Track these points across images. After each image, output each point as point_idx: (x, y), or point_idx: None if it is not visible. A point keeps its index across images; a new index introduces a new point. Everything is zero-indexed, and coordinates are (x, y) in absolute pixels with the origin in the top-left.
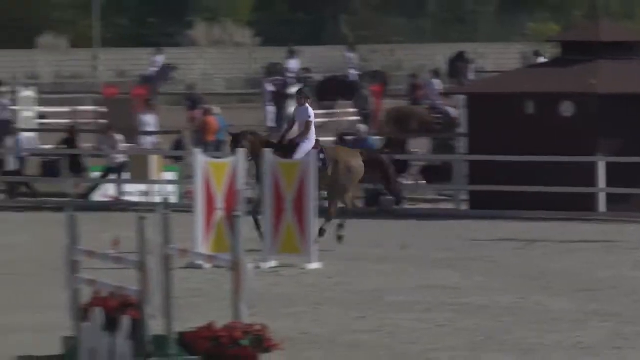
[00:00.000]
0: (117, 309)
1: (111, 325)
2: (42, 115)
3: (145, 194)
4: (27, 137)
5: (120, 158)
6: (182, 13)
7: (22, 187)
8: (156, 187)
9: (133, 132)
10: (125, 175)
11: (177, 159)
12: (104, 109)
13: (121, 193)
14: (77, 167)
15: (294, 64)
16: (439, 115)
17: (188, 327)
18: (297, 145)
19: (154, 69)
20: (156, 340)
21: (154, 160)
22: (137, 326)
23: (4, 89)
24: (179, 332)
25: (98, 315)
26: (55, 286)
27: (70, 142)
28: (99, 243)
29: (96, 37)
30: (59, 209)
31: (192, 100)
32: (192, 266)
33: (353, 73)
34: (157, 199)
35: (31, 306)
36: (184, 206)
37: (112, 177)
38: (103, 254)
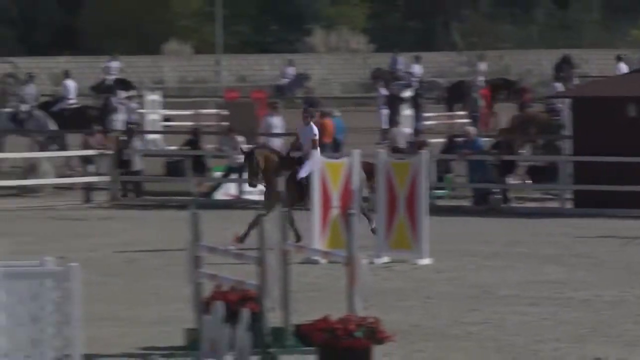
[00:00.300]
0: (237, 302)
1: (231, 317)
2: (167, 118)
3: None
4: (153, 139)
5: (241, 158)
6: (301, 21)
7: (132, 186)
8: None
9: (253, 134)
10: (246, 175)
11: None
12: (225, 112)
13: (242, 192)
14: (200, 167)
15: (417, 69)
16: (557, 118)
17: (305, 319)
18: (303, 161)
19: (286, 79)
20: (274, 332)
21: None
22: (256, 318)
23: (132, 92)
24: (296, 324)
25: (219, 308)
26: (178, 280)
27: (193, 143)
28: (220, 239)
29: (219, 44)
30: (182, 206)
31: (310, 104)
32: (309, 261)
33: (480, 80)
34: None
35: (156, 299)
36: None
37: (233, 176)
38: (224, 249)
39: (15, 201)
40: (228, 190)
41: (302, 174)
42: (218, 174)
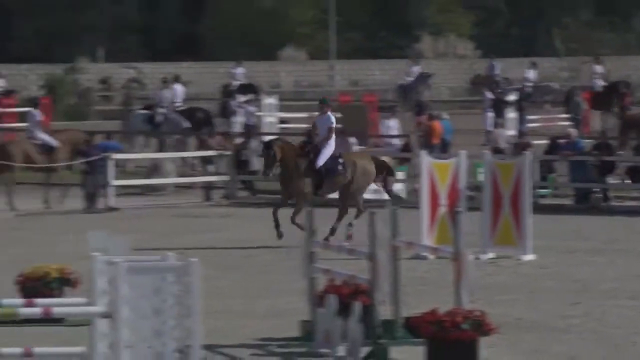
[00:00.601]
0: (349, 295)
1: (344, 310)
2: (283, 120)
3: (376, 191)
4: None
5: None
6: (410, 28)
7: (251, 185)
8: None
9: (364, 135)
10: None
11: (405, 160)
12: (338, 115)
13: None
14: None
15: (532, 74)
16: None
17: (414, 312)
18: (320, 150)
19: (410, 78)
20: (385, 324)
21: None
22: (368, 311)
23: (250, 96)
24: (406, 317)
25: (332, 301)
26: (292, 275)
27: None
28: (333, 236)
29: (332, 50)
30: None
31: (419, 107)
32: (418, 257)
33: (598, 84)
34: (387, 197)
35: (270, 293)
36: (411, 202)
37: None
38: (337, 245)
39: (140, 199)
40: None
41: (320, 162)
42: None
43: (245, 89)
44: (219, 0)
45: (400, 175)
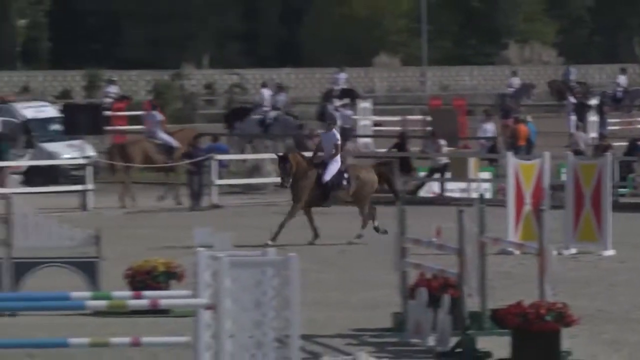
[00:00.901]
0: (439, 288)
1: (434, 302)
2: (377, 123)
3: (464, 190)
4: (364, 142)
5: (443, 160)
6: (497, 36)
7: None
8: (473, 184)
9: (454, 137)
10: (447, 175)
11: (492, 161)
12: (429, 118)
13: (444, 190)
14: (406, 167)
15: (622, 80)
16: None
17: (499, 304)
18: (327, 165)
19: (511, 89)
20: (472, 315)
21: (472, 162)
22: (456, 303)
23: (346, 100)
24: (492, 309)
25: (423, 293)
26: (384, 269)
27: (400, 146)
28: (424, 232)
29: (424, 57)
30: (390, 203)
31: (505, 110)
32: (504, 252)
33: None
34: (474, 195)
35: (364, 286)
36: (497, 201)
37: (436, 176)
38: (428, 241)
39: (242, 198)
40: (431, 189)
41: (327, 177)
42: (422, 173)
43: (347, 93)
44: (318, 9)
45: (487, 175)
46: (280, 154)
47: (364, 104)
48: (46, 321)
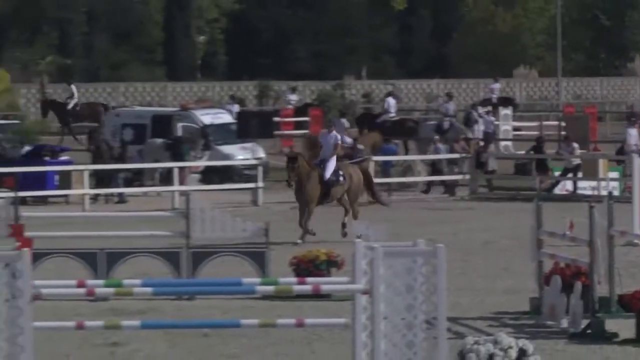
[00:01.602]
0: (571, 276)
1: (567, 288)
2: (516, 128)
3: (595, 188)
4: (505, 145)
5: (576, 161)
6: (625, 50)
7: (489, 183)
8: (603, 183)
9: (586, 141)
10: (579, 174)
11: (619, 162)
12: (563, 124)
13: (576, 188)
14: (542, 167)
15: None
16: None
17: (626, 291)
18: (326, 164)
19: None
20: (601, 300)
21: (602, 163)
22: (587, 289)
23: (488, 108)
24: (619, 294)
25: (557, 281)
26: (523, 258)
27: (537, 148)
28: (558, 226)
29: (559, 69)
30: (528, 199)
31: (634, 116)
32: (630, 244)
33: None
34: (604, 193)
35: (506, 274)
36: (624, 198)
37: (569, 175)
38: (561, 234)
39: (395, 194)
40: (565, 187)
41: (327, 174)
42: (557, 173)
43: (506, 101)
44: (465, 26)
45: (615, 174)
46: (290, 155)
47: (505, 111)
48: (220, 304)
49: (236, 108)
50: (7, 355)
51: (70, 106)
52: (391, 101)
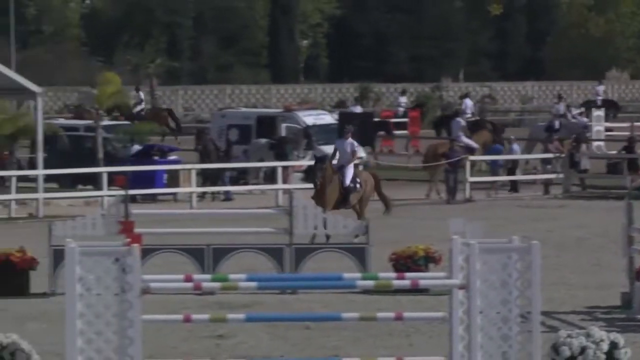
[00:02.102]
0: None
1: None
2: (608, 129)
3: None
4: (597, 145)
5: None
6: None
7: (582, 182)
8: None
9: None
10: None
11: None
12: None
13: None
14: (634, 166)
15: None
16: None
17: None
18: (345, 170)
19: None
20: None
21: None
22: None
23: (582, 109)
24: None
25: None
26: (614, 255)
27: (629, 148)
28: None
29: None
30: (619, 198)
31: None
32: None
33: None
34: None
35: (598, 269)
36: None
37: None
38: None
39: (490, 193)
40: None
41: (347, 181)
42: None
43: (609, 104)
44: (559, 30)
45: None
46: (318, 156)
47: (597, 112)
48: (322, 298)
49: (358, 109)
50: (116, 347)
51: (136, 110)
52: (468, 102)
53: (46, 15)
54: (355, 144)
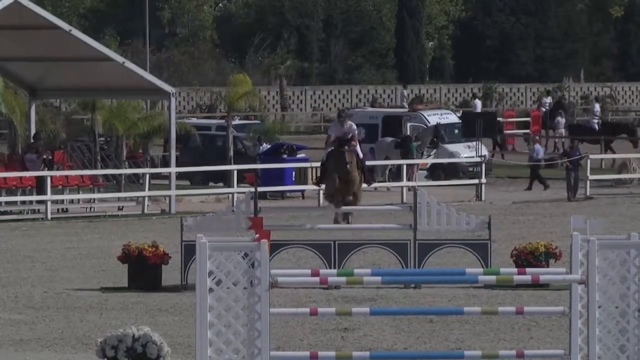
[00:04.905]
0: None
1: None
2: None
3: None
4: None
5: None
6: None
7: None
8: None
9: None
10: None
11: None
12: None
13: None
14: None
15: None
16: None
17: None
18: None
19: None
20: None
21: None
22: None
23: None
24: None
25: None
26: None
27: None
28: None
29: None
30: None
31: None
32: None
33: None
34: None
35: None
36: None
37: None
38: None
39: (611, 190)
40: None
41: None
42: None
43: None
44: None
45: None
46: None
47: None
48: (445, 292)
49: (478, 104)
50: (244, 339)
51: None
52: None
53: (180, 18)
54: (354, 126)
